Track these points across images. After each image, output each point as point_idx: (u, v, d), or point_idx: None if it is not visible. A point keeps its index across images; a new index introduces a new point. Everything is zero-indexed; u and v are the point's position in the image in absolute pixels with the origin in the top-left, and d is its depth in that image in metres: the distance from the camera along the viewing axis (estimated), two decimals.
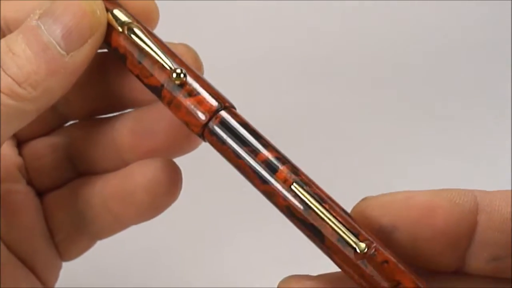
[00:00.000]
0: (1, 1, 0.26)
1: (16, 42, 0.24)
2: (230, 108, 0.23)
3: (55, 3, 0.24)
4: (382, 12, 0.52)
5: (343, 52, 0.50)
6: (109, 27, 0.25)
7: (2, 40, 0.24)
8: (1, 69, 0.23)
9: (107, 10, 0.25)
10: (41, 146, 0.29)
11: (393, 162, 0.46)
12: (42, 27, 0.24)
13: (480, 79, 0.50)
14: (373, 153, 0.47)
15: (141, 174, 0.27)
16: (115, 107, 0.28)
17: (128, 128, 0.27)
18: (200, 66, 0.26)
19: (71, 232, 0.29)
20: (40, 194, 0.29)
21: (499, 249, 0.22)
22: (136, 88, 0.27)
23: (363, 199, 0.23)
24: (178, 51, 0.25)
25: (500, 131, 0.47)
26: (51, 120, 0.29)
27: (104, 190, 0.28)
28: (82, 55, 0.24)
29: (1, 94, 0.23)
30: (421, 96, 0.50)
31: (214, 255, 0.42)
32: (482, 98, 0.50)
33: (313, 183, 0.22)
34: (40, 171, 0.29)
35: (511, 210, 0.22)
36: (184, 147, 0.27)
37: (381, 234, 0.22)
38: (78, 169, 0.29)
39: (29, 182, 0.29)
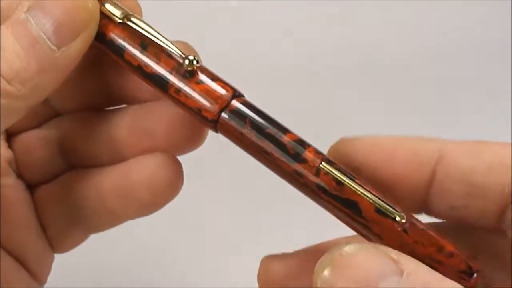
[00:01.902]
0: None
1: (5, 36, 0.23)
2: (242, 97, 0.23)
3: None
4: (382, 12, 0.52)
5: (343, 53, 0.50)
6: (103, 20, 0.24)
7: None
8: None
9: (99, 2, 0.24)
10: (32, 139, 0.28)
11: None
12: (32, 21, 0.23)
13: (480, 79, 0.50)
14: None
15: (141, 170, 0.26)
16: (108, 102, 0.28)
17: (126, 125, 0.27)
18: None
19: (64, 226, 0.28)
20: (31, 187, 0.28)
21: (455, 199, 0.23)
22: (131, 85, 0.26)
23: (340, 139, 0.24)
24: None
25: (500, 130, 0.47)
26: (42, 113, 0.28)
27: (101, 185, 0.27)
28: (74, 50, 0.23)
29: None
30: (421, 96, 0.50)
31: (216, 255, 0.42)
32: (482, 98, 0.50)
33: (337, 163, 0.22)
34: (31, 165, 0.28)
35: (469, 163, 0.22)
36: (185, 147, 0.27)
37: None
38: (71, 162, 0.28)
39: (20, 176, 0.28)
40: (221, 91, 0.23)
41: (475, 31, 0.51)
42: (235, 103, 0.23)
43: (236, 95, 0.23)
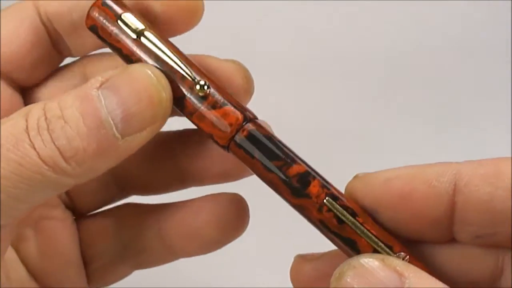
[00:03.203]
0: None
1: (71, 109, 0.21)
2: (255, 120, 0.23)
3: (121, 76, 0.22)
4: (382, 12, 0.52)
5: (343, 53, 0.50)
6: (121, 32, 0.23)
7: (56, 99, 0.22)
8: (48, 133, 0.21)
9: (119, 16, 0.23)
10: None
11: (393, 162, 0.46)
12: (103, 101, 0.21)
13: (480, 79, 0.50)
14: (373, 153, 0.47)
15: (209, 210, 0.26)
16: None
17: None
18: (250, 87, 0.25)
19: (111, 260, 0.28)
20: (80, 216, 0.28)
21: (480, 228, 0.22)
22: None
23: (353, 178, 0.23)
24: (226, 68, 0.25)
25: (500, 131, 0.47)
26: None
27: (164, 224, 0.27)
28: (137, 142, 0.22)
29: (42, 163, 0.21)
30: (421, 96, 0.50)
31: (218, 254, 0.42)
32: (482, 98, 0.50)
33: (343, 195, 0.22)
34: (82, 191, 0.27)
35: (489, 190, 0.21)
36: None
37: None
38: (124, 188, 0.28)
39: (69, 206, 0.28)
40: (232, 117, 0.23)
41: (475, 31, 0.51)
42: (245, 130, 0.23)
43: (248, 120, 0.23)
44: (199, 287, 0.41)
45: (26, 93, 0.26)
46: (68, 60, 0.27)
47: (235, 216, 0.26)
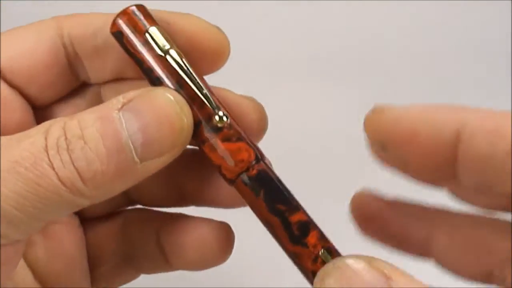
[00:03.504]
0: (65, 17, 0.25)
1: (91, 128, 0.21)
2: (265, 161, 0.23)
3: (143, 99, 0.21)
4: (382, 12, 0.52)
5: (343, 53, 0.50)
6: (147, 45, 0.23)
7: (75, 117, 0.21)
8: (68, 153, 0.21)
9: (147, 29, 0.23)
10: None
11: None
12: (124, 124, 0.21)
13: (480, 79, 0.50)
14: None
15: (194, 233, 0.26)
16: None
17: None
18: (264, 124, 0.25)
19: (117, 264, 0.28)
20: (86, 221, 0.28)
21: (480, 179, 0.22)
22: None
23: (371, 110, 0.23)
24: (242, 103, 0.25)
25: None
26: None
27: (160, 233, 0.27)
28: (155, 166, 0.22)
29: (60, 184, 0.21)
30: (421, 96, 0.50)
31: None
32: (482, 98, 0.50)
33: (338, 252, 0.22)
34: None
35: (490, 148, 0.21)
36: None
37: (373, 149, 0.22)
38: (131, 198, 0.28)
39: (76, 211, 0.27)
40: (244, 154, 0.23)
41: (475, 31, 0.51)
42: (255, 169, 0.22)
43: (258, 160, 0.23)
44: (199, 287, 0.41)
45: (36, 110, 0.26)
46: None
47: (218, 244, 0.26)
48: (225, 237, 0.26)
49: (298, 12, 0.51)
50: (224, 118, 0.22)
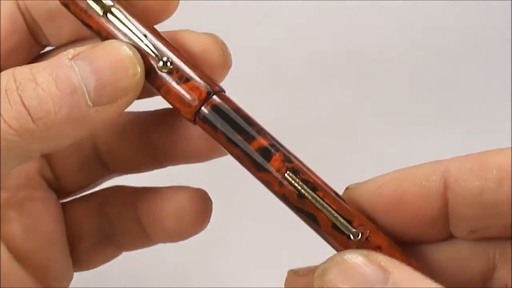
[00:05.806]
0: None
1: (43, 72, 0.21)
2: (221, 93, 0.23)
3: (96, 49, 0.22)
4: (382, 12, 0.52)
5: (343, 53, 0.50)
6: (90, 9, 0.23)
7: (26, 66, 0.22)
8: (18, 94, 0.21)
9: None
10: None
11: (392, 162, 0.46)
12: (76, 69, 0.21)
13: (480, 79, 0.50)
14: (372, 153, 0.47)
15: (171, 201, 0.26)
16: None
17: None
18: (227, 60, 0.25)
19: (98, 241, 0.28)
20: (65, 196, 0.28)
21: (474, 222, 0.22)
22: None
23: (345, 190, 0.23)
24: (202, 41, 0.25)
25: (500, 131, 0.47)
26: None
27: (137, 206, 0.27)
28: (108, 113, 0.22)
29: (6, 127, 0.21)
30: (421, 96, 0.50)
31: (218, 254, 0.42)
32: (482, 98, 0.50)
33: (307, 168, 0.22)
34: (66, 170, 0.28)
35: (478, 183, 0.21)
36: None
37: None
38: (108, 167, 0.28)
39: (52, 186, 0.28)
40: (195, 93, 0.23)
41: (475, 31, 0.51)
42: (210, 103, 0.23)
43: (210, 95, 0.23)
44: (199, 287, 0.41)
45: None
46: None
47: (195, 210, 0.26)
48: (201, 203, 0.26)
49: (298, 12, 0.51)
50: (168, 63, 0.23)
